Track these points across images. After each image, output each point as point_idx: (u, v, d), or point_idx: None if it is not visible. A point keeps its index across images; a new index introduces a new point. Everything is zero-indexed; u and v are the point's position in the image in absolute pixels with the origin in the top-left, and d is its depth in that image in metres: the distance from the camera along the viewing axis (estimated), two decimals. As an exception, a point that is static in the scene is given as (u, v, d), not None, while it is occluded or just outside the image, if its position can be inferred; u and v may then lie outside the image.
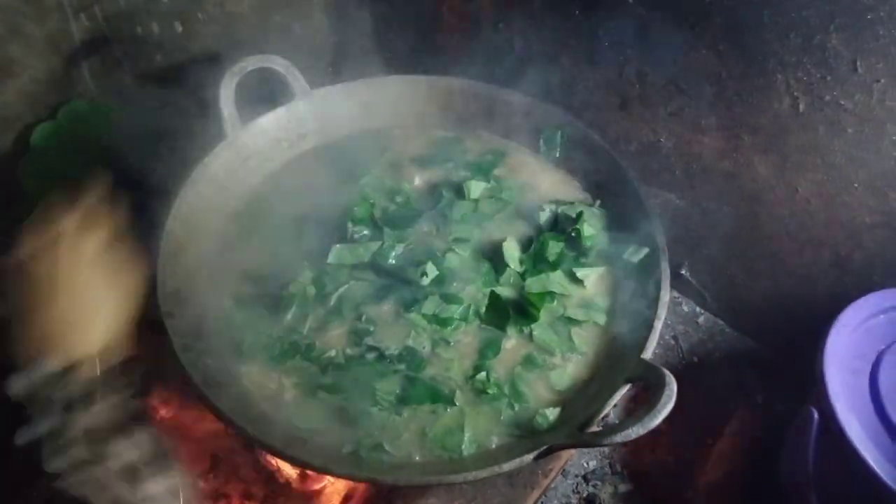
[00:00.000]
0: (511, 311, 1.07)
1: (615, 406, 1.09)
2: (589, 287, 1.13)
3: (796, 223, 1.28)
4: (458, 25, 1.56)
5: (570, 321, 1.08)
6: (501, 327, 1.06)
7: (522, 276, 1.13)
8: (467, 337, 1.05)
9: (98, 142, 1.36)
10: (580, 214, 1.17)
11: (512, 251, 1.14)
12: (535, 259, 1.14)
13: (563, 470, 1.25)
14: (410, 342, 1.03)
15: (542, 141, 1.31)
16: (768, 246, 1.35)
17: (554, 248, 1.14)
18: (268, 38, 1.56)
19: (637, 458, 1.30)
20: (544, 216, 1.20)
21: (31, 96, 1.26)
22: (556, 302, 1.10)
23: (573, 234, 1.16)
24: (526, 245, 1.17)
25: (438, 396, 0.98)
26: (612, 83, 1.37)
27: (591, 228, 1.17)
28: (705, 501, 1.26)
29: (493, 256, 1.14)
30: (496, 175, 1.28)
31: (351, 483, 1.12)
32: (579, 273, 1.13)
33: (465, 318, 1.07)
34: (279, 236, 1.15)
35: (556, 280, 1.12)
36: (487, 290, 1.09)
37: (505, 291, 1.10)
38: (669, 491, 1.27)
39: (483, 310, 1.07)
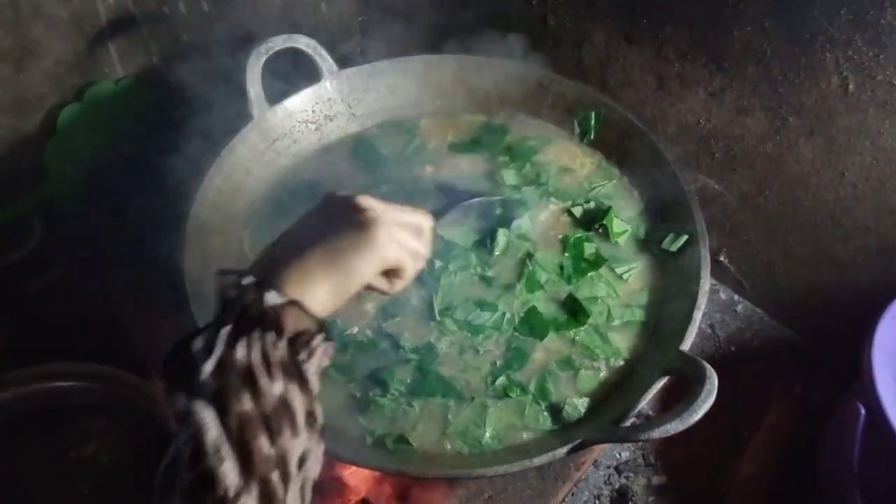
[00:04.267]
0: (556, 318, 1.03)
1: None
2: (630, 282, 1.09)
3: (842, 209, 1.23)
4: (488, 2, 1.51)
5: (612, 322, 1.04)
6: (540, 337, 1.02)
7: (567, 279, 1.08)
8: (498, 347, 1.01)
9: (123, 123, 1.35)
10: (608, 210, 1.13)
11: (547, 262, 1.10)
12: (575, 260, 1.10)
13: (595, 461, 1.22)
14: (432, 339, 1.00)
15: (576, 123, 1.27)
16: (811, 232, 1.30)
17: (589, 248, 1.10)
18: (295, 17, 1.53)
19: (671, 449, 1.27)
20: (578, 211, 1.16)
21: (57, 77, 1.25)
22: (600, 303, 1.05)
23: (600, 230, 1.12)
24: (562, 244, 1.12)
25: (451, 391, 0.95)
26: (650, 62, 1.32)
27: (623, 224, 1.13)
28: (740, 495, 1.22)
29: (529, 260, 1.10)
30: (532, 161, 1.24)
31: (376, 475, 1.10)
32: (620, 270, 1.09)
33: (498, 328, 1.02)
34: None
35: (601, 282, 1.08)
36: (524, 298, 1.05)
37: (542, 301, 1.05)
38: (703, 484, 1.24)
39: (518, 320, 1.03)
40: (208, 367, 0.57)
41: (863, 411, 1.02)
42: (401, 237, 0.72)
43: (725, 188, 1.37)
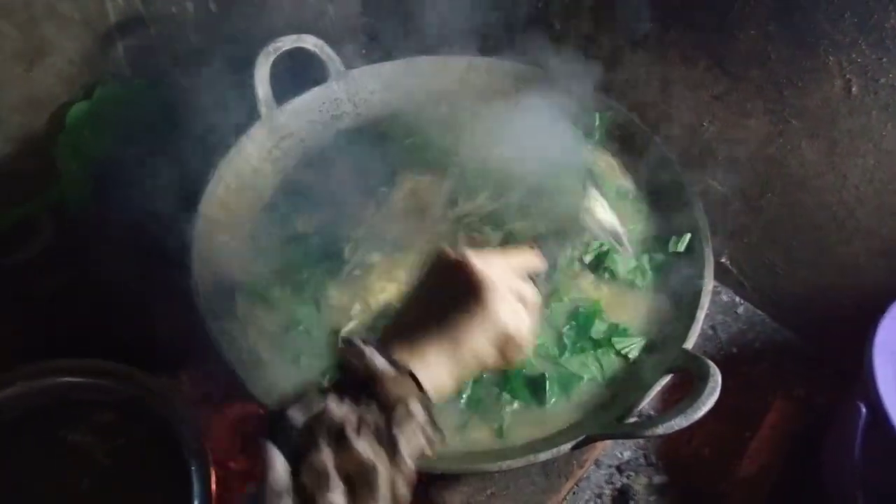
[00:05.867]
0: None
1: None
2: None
3: (844, 211, 1.24)
4: (495, 4, 1.52)
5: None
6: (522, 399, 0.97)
7: (560, 351, 1.02)
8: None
9: (133, 122, 1.36)
10: (606, 253, 1.09)
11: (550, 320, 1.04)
12: (578, 334, 1.03)
13: (597, 460, 1.23)
14: None
15: (581, 125, 1.28)
16: (813, 235, 1.31)
17: (599, 325, 1.03)
18: (302, 18, 1.54)
19: (672, 449, 1.28)
20: (588, 257, 1.10)
21: (66, 76, 1.26)
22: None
23: (607, 275, 1.09)
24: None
25: None
26: (654, 64, 1.33)
27: (629, 259, 1.08)
28: (742, 495, 1.23)
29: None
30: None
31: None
32: (620, 346, 1.02)
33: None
34: (313, 218, 1.14)
35: (593, 363, 1.01)
36: None
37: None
38: (705, 483, 1.25)
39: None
40: (298, 416, 0.55)
41: (864, 411, 1.02)
42: (516, 289, 0.67)
43: (728, 190, 1.38)
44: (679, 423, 0.80)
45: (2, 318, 1.25)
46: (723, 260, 1.48)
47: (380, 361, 0.58)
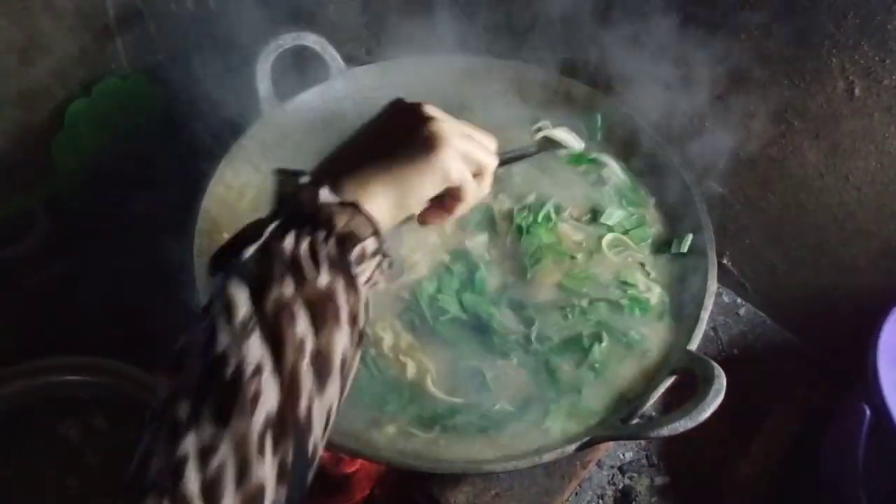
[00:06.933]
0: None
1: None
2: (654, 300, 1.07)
3: (845, 212, 1.24)
4: (497, 4, 1.52)
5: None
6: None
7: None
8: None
9: (131, 119, 1.35)
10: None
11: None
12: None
13: (599, 461, 1.23)
14: None
15: (582, 125, 1.27)
16: (814, 236, 1.31)
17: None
18: (302, 16, 1.53)
19: (674, 450, 1.28)
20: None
21: (64, 73, 1.25)
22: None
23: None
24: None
25: None
26: (656, 64, 1.33)
27: (655, 287, 1.07)
28: (742, 496, 1.23)
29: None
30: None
31: (382, 468, 1.11)
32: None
33: None
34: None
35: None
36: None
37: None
38: (706, 485, 1.25)
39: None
40: (250, 251, 0.55)
41: (868, 412, 1.02)
42: (466, 152, 0.67)
43: (729, 191, 1.38)
44: (684, 424, 0.80)
45: (-3, 311, 1.24)
46: (724, 261, 1.48)
47: (329, 196, 0.59)
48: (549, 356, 0.98)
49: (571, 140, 1.08)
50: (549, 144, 1.07)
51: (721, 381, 0.83)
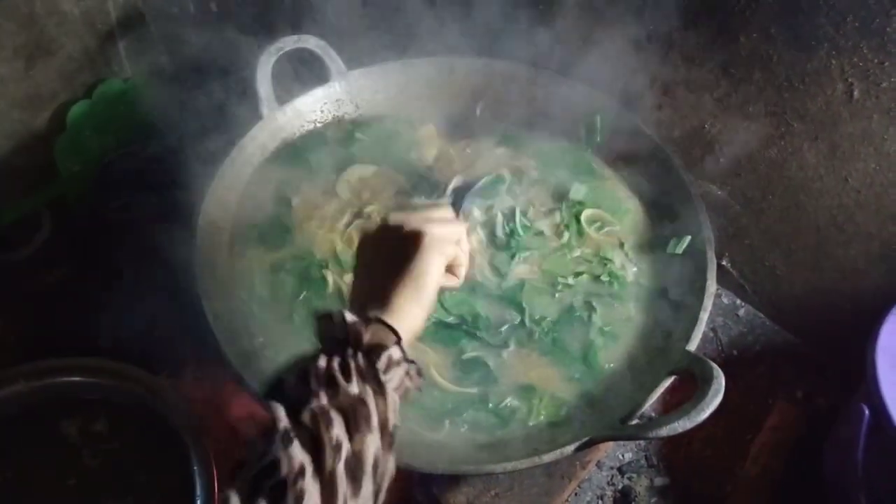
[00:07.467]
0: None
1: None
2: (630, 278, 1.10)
3: (844, 214, 1.24)
4: (494, 5, 1.52)
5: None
6: None
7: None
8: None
9: (132, 121, 1.36)
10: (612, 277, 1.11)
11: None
12: None
13: (599, 462, 1.23)
14: None
15: (583, 127, 1.28)
16: (813, 237, 1.31)
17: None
18: (302, 18, 1.54)
19: (674, 451, 1.28)
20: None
21: (67, 75, 1.26)
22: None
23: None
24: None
25: None
26: (656, 66, 1.33)
27: (631, 266, 1.13)
28: (742, 497, 1.23)
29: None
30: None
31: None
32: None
33: None
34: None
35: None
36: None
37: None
38: (706, 485, 1.25)
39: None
40: (290, 378, 0.63)
41: (867, 413, 1.02)
42: (445, 234, 0.77)
43: (729, 193, 1.38)
44: (683, 424, 0.81)
45: (0, 313, 1.24)
46: (723, 262, 1.48)
47: (353, 319, 0.67)
48: (553, 334, 1.02)
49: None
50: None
51: (720, 381, 0.83)
